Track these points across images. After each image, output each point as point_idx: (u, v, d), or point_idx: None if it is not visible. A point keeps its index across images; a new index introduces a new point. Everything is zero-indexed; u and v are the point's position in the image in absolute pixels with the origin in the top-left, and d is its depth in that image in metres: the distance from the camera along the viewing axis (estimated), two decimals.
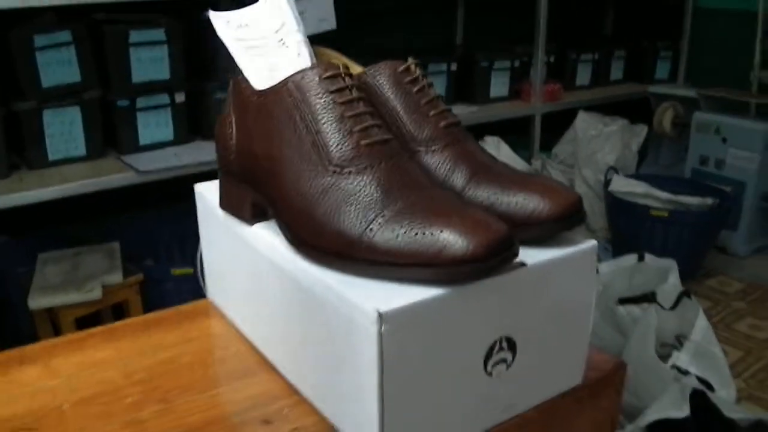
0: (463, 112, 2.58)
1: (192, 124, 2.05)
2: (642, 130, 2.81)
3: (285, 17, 0.51)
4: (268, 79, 0.50)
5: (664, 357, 1.54)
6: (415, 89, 0.51)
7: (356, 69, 0.56)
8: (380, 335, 0.38)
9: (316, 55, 0.55)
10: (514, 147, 2.73)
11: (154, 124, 1.96)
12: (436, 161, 0.49)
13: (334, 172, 0.44)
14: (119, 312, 1.83)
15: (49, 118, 1.77)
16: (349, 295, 0.41)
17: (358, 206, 0.43)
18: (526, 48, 2.76)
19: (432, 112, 0.51)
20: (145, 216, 2.20)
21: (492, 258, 0.40)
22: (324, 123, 0.45)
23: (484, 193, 0.48)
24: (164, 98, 1.95)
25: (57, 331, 1.69)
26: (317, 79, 0.46)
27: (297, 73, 0.46)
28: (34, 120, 1.75)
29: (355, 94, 0.46)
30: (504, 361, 0.45)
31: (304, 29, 0.50)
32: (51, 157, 1.81)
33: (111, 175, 1.78)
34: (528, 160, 2.74)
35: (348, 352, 0.42)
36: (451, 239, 0.39)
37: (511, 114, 2.69)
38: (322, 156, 0.45)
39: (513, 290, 0.44)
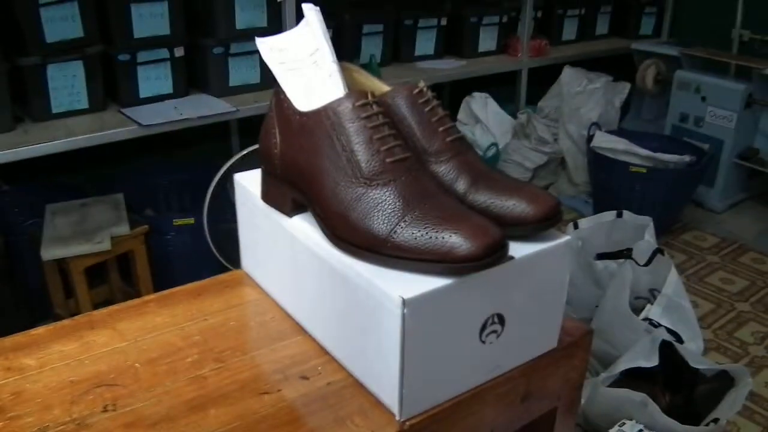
0: (451, 66, 2.65)
1: (190, 78, 2.13)
2: (625, 88, 2.89)
3: (319, 43, 0.62)
4: (306, 99, 0.61)
5: (638, 310, 1.66)
6: (427, 109, 0.63)
7: (377, 86, 0.67)
8: (403, 316, 0.51)
9: (343, 71, 0.66)
10: (501, 101, 2.81)
11: (153, 78, 2.04)
12: (444, 170, 0.61)
13: (365, 183, 0.56)
14: (125, 262, 1.94)
15: (52, 72, 1.85)
16: (378, 282, 0.53)
17: (384, 212, 0.55)
18: (514, 3, 2.81)
19: (441, 129, 0.62)
20: (142, 166, 2.30)
21: (489, 257, 0.52)
22: (356, 144, 0.57)
23: (482, 198, 0.60)
24: (164, 53, 2.02)
25: (66, 281, 1.81)
26: (351, 106, 0.57)
27: (335, 101, 0.58)
28: (38, 74, 1.82)
29: (381, 119, 0.57)
30: (495, 332, 0.58)
31: (336, 58, 0.61)
32: (54, 110, 1.89)
33: (115, 129, 1.87)
34: (514, 114, 2.84)
35: (375, 326, 0.55)
36: (457, 242, 0.52)
37: (498, 68, 2.77)
38: (355, 170, 0.56)
39: (503, 278, 0.57)
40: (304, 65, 0.63)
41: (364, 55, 2.48)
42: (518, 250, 0.58)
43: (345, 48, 2.44)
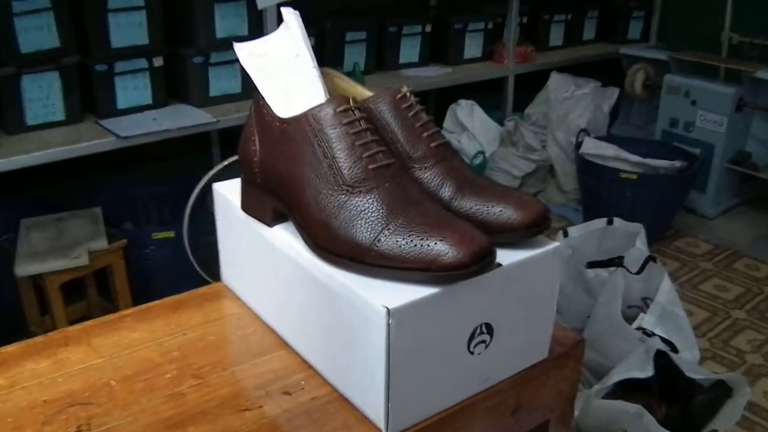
0: (437, 73, 2.66)
1: (170, 88, 2.12)
2: (613, 93, 2.92)
3: (299, 48, 0.62)
4: (286, 105, 0.61)
5: (631, 319, 1.66)
6: (411, 114, 0.63)
7: (359, 91, 0.67)
8: (388, 326, 0.51)
9: (324, 76, 0.66)
10: (488, 108, 2.83)
11: (132, 88, 2.03)
12: (428, 176, 0.61)
13: (347, 190, 0.56)
14: (103, 277, 1.92)
15: (27, 84, 1.83)
16: (361, 293, 0.53)
17: (367, 220, 0.54)
18: (499, 9, 2.83)
19: (425, 134, 0.62)
20: (120, 178, 2.28)
21: (476, 264, 0.52)
22: (338, 150, 0.56)
23: (468, 204, 0.60)
24: (142, 63, 2.01)
25: (42, 298, 1.79)
26: (332, 112, 0.57)
27: (315, 107, 0.57)
28: (12, 85, 1.81)
29: (363, 125, 0.57)
30: (483, 342, 0.58)
31: (316, 63, 0.61)
32: (29, 122, 1.88)
33: (92, 141, 1.85)
34: (501, 121, 2.85)
35: (359, 337, 0.54)
36: (443, 249, 0.52)
37: (484, 75, 2.79)
38: (337, 177, 0.56)
39: (491, 286, 0.56)
40: (283, 71, 0.63)
41: (347, 64, 2.49)
42: (506, 257, 0.57)
43: (328, 57, 2.44)
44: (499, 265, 0.57)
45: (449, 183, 0.61)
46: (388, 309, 0.51)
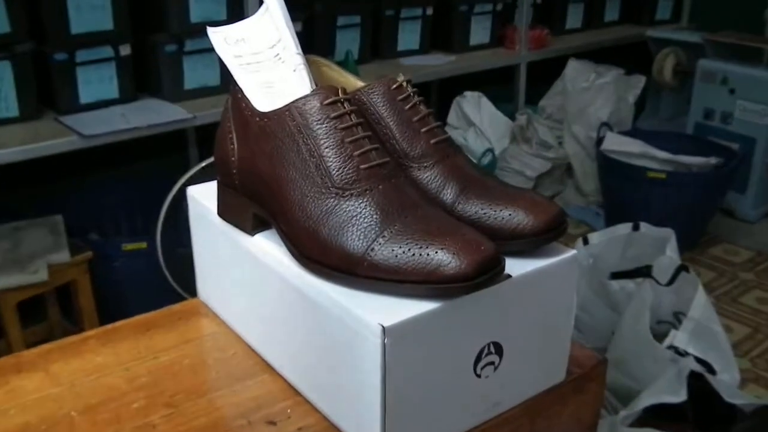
0: (439, 62, 2.67)
1: (139, 80, 2.13)
2: (639, 81, 2.92)
3: (281, 33, 0.62)
4: (267, 98, 0.61)
5: (661, 336, 1.65)
6: (407, 107, 0.63)
7: (350, 81, 0.67)
8: (383, 347, 0.51)
9: (310, 65, 0.66)
10: (497, 101, 2.83)
11: (96, 81, 2.03)
12: (428, 177, 0.61)
13: (337, 194, 0.56)
14: (66, 295, 1.92)
15: None
16: (353, 309, 0.53)
17: (359, 227, 0.55)
18: None
19: (423, 129, 0.62)
20: (87, 183, 2.28)
21: (481, 275, 0.52)
22: (326, 148, 0.56)
23: (472, 208, 0.60)
24: (107, 51, 2.02)
25: None
26: (318, 105, 0.57)
27: (300, 99, 0.57)
28: None
29: (354, 119, 0.57)
30: (492, 363, 0.58)
31: (301, 50, 0.61)
32: None
33: (51, 140, 1.85)
34: (512, 115, 2.85)
35: (351, 359, 0.54)
36: (444, 259, 0.52)
37: (492, 63, 2.79)
38: (325, 179, 0.56)
39: (500, 300, 0.57)
40: (264, 59, 0.63)
41: (339, 52, 2.49)
42: (516, 267, 0.58)
43: (317, 44, 2.45)
44: (509, 276, 0.57)
45: (452, 184, 0.61)
46: (383, 327, 0.51)
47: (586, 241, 1.95)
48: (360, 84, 0.66)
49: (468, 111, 2.79)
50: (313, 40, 2.45)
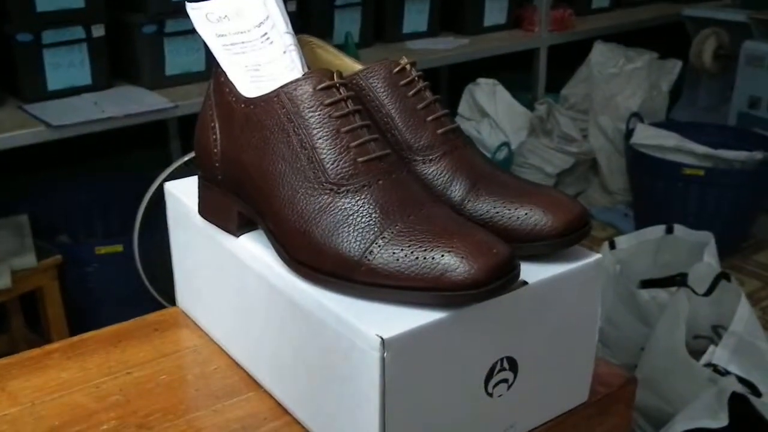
0: (450, 45, 2.67)
1: (114, 65, 2.13)
2: (675, 66, 2.91)
3: (270, 10, 0.62)
4: (254, 82, 0.61)
5: (698, 353, 1.64)
6: (411, 92, 0.63)
7: (347, 64, 0.67)
8: (382, 361, 0.50)
9: (302, 46, 0.66)
10: (514, 89, 2.82)
11: (66, 65, 2.03)
12: (434, 172, 0.61)
13: (331, 190, 0.55)
14: (31, 303, 1.92)
15: None
16: (350, 319, 0.53)
17: (356, 227, 0.54)
18: None
19: (429, 118, 0.62)
20: (56, 180, 2.29)
21: (493, 282, 0.52)
22: (319, 138, 0.56)
23: (484, 206, 0.60)
24: (78, 32, 2.02)
25: None
26: (311, 90, 0.57)
27: (290, 83, 0.57)
28: None
29: (351, 106, 0.57)
30: (505, 381, 0.57)
31: (291, 29, 0.61)
32: None
33: (15, 131, 1.85)
34: (530, 105, 2.85)
35: (347, 375, 0.54)
36: (452, 263, 0.51)
37: (509, 47, 2.78)
38: (318, 173, 0.56)
39: (514, 310, 0.56)
40: (250, 38, 0.63)
41: (338, 34, 2.49)
42: (533, 273, 0.57)
43: (314, 25, 2.45)
44: (525, 283, 0.56)
45: (461, 179, 0.61)
46: (382, 339, 0.50)
47: (612, 246, 1.95)
48: (357, 67, 0.66)
49: (481, 100, 2.79)
50: (309, 21, 2.45)
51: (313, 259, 0.56)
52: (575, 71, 2.97)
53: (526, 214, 0.58)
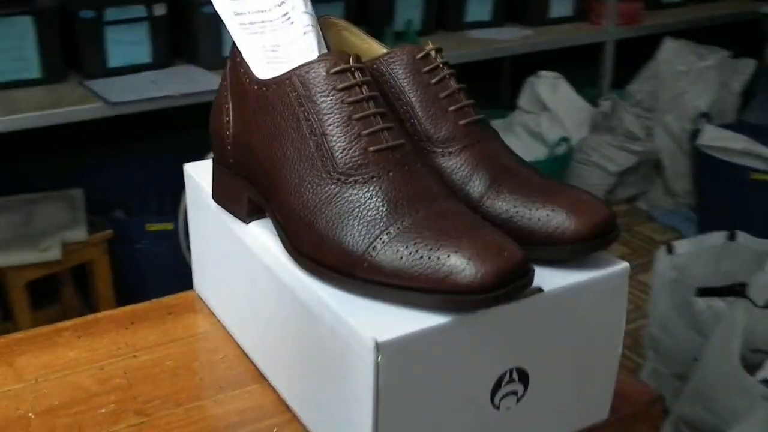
0: (513, 36, 2.62)
1: (174, 44, 2.13)
2: (748, 66, 2.83)
3: None
4: (270, 64, 0.58)
5: (754, 367, 1.58)
6: (434, 80, 0.59)
7: (374, 49, 0.64)
8: (377, 365, 0.47)
9: (327, 29, 0.63)
10: (578, 83, 2.76)
11: (127, 43, 2.05)
12: (453, 165, 0.57)
13: (339, 180, 0.52)
14: (81, 275, 1.94)
15: None
16: (346, 317, 0.49)
17: (362, 220, 0.51)
18: None
19: (452, 108, 0.58)
20: (113, 156, 2.31)
21: (503, 287, 0.48)
22: (330, 125, 0.53)
23: (503, 204, 0.56)
24: (140, 10, 2.03)
25: (3, 297, 1.82)
26: (324, 73, 0.54)
27: (303, 65, 0.54)
28: None
29: (365, 92, 0.54)
30: (514, 393, 0.54)
31: (312, 9, 0.58)
32: None
33: (75, 106, 1.87)
34: (594, 100, 2.79)
35: (343, 375, 0.51)
36: (458, 265, 0.48)
37: (575, 40, 2.73)
38: (327, 161, 0.53)
39: (527, 318, 0.52)
40: (270, 18, 0.60)
41: (399, 21, 2.46)
42: (550, 279, 0.53)
43: (375, 10, 2.42)
44: (540, 290, 0.52)
45: (481, 174, 0.57)
46: (377, 342, 0.47)
47: (670, 250, 1.89)
48: (383, 51, 0.62)
49: (542, 93, 2.73)
50: (371, 6, 2.42)
51: (316, 252, 0.53)
52: (642, 67, 2.89)
53: (547, 215, 0.54)
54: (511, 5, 2.71)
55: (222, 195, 0.64)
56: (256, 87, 0.57)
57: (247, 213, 0.61)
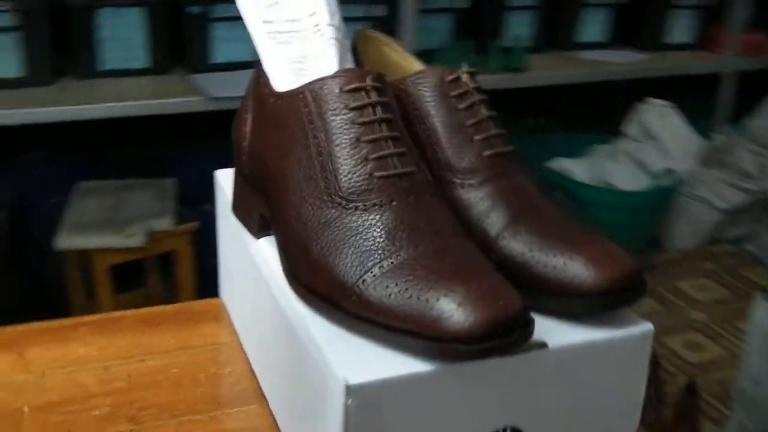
0: (627, 59, 2.53)
1: None
2: None
3: (316, 2, 0.56)
4: (295, 74, 0.56)
5: None
6: (462, 105, 0.55)
7: (411, 66, 0.60)
8: (345, 409, 0.44)
9: (367, 43, 0.60)
10: (690, 114, 2.64)
11: (231, 39, 2.06)
12: (472, 198, 0.53)
13: (339, 204, 0.49)
14: (166, 263, 1.98)
15: (103, 19, 1.90)
16: (326, 353, 0.46)
17: (356, 250, 0.48)
18: None
19: (478, 137, 0.54)
20: (209, 150, 2.34)
21: (495, 338, 0.43)
22: (337, 145, 0.50)
23: (519, 246, 0.51)
24: None
25: (88, 278, 1.87)
26: (338, 90, 0.51)
27: (317, 81, 0.51)
28: (86, 20, 1.89)
29: (379, 113, 0.50)
30: None
31: (339, 21, 0.55)
32: (104, 66, 1.95)
33: (177, 98, 1.90)
34: (706, 133, 2.66)
35: (321, 411, 0.47)
36: (447, 309, 0.43)
37: (691, 69, 2.63)
38: (330, 183, 0.50)
39: (527, 375, 0.48)
40: (300, 28, 0.57)
41: (508, 37, 2.40)
42: (559, 334, 0.49)
43: (484, 23, 2.37)
44: (544, 344, 0.48)
45: (501, 211, 0.53)
46: (347, 384, 0.43)
47: None
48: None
49: (650, 122, 2.62)
50: (480, 20, 2.38)
51: (309, 278, 0.50)
52: (763, 102, 2.74)
53: (564, 263, 0.50)
54: (627, 27, 2.61)
55: (238, 206, 0.62)
56: (272, 99, 0.55)
57: (259, 228, 0.59)
